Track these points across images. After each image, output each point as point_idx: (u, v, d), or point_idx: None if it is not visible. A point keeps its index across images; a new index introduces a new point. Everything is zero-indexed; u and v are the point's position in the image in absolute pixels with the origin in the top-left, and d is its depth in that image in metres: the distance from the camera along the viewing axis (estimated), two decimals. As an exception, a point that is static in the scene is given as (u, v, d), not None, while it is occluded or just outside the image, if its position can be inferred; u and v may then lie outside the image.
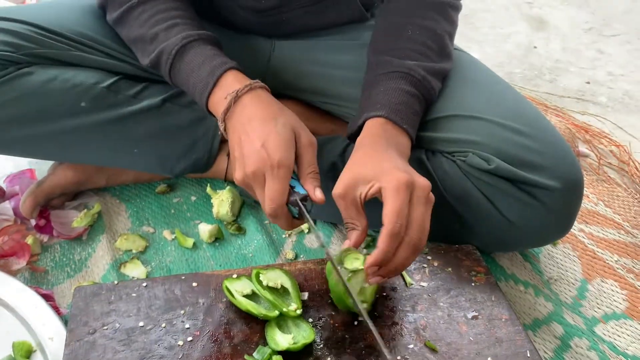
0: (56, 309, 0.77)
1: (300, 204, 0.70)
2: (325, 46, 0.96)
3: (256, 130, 0.71)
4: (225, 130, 0.75)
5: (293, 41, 0.96)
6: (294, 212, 0.72)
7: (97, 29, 0.87)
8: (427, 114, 0.83)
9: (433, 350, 0.68)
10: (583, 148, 1.22)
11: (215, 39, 0.81)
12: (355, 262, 0.69)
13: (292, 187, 0.71)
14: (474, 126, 0.81)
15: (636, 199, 1.09)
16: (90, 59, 0.86)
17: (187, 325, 0.70)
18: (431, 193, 0.68)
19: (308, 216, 0.70)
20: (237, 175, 0.72)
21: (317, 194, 0.71)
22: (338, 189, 0.69)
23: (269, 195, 0.69)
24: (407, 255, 0.66)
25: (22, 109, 0.82)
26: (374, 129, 0.75)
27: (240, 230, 0.94)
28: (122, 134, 0.87)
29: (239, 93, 0.73)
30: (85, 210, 0.94)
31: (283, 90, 0.99)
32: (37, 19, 0.84)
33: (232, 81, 0.75)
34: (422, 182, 0.67)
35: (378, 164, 0.69)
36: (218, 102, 0.75)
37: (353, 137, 0.78)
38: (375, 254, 0.64)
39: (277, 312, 0.69)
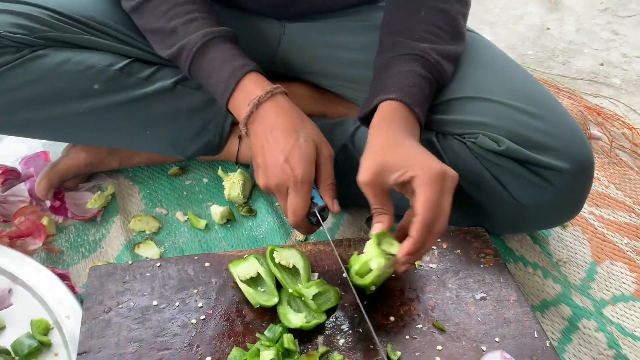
0: (72, 288, 0.79)
1: (319, 215, 0.76)
2: (336, 28, 0.96)
3: (279, 142, 0.75)
4: (246, 133, 0.79)
5: (303, 23, 0.96)
6: (313, 220, 0.77)
7: (109, 14, 0.88)
8: (439, 96, 0.83)
9: (441, 330, 0.69)
10: (595, 130, 1.21)
11: (234, 35, 0.82)
12: (392, 247, 0.69)
13: (311, 198, 0.76)
14: (484, 108, 0.81)
15: (648, 181, 1.09)
16: (103, 42, 0.86)
17: (200, 304, 0.71)
18: (457, 181, 0.69)
19: (324, 227, 0.76)
20: (261, 183, 0.77)
21: (335, 207, 0.76)
22: (365, 176, 0.69)
23: (292, 209, 0.74)
24: (432, 242, 0.68)
25: (36, 91, 0.83)
26: (388, 112, 0.76)
27: (252, 212, 0.95)
28: (135, 116, 0.88)
29: (260, 100, 0.76)
30: (99, 192, 0.96)
31: (293, 73, 0.99)
32: (51, 2, 0.84)
33: (253, 85, 0.78)
34: (452, 172, 0.68)
35: (405, 150, 0.70)
36: (239, 105, 0.78)
37: (365, 119, 0.79)
38: (410, 243, 0.66)
39: (275, 301, 0.70)
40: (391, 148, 0.70)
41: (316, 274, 0.76)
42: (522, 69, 0.89)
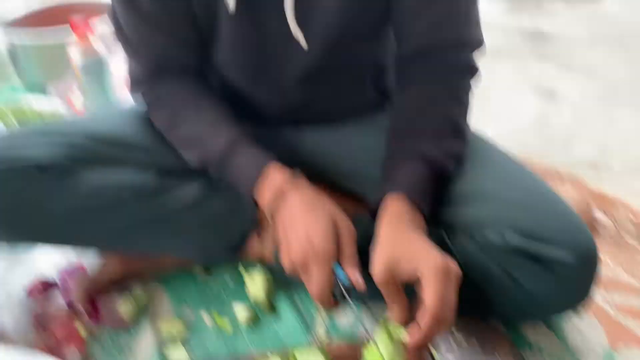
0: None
1: (344, 292, 0.78)
2: (347, 130, 1.04)
3: (299, 220, 0.80)
4: (271, 219, 0.85)
5: (316, 131, 1.05)
6: (337, 297, 0.79)
7: (140, 132, 0.98)
8: (444, 194, 0.89)
9: None
10: (599, 215, 1.26)
11: (252, 137, 0.92)
12: (400, 333, 0.73)
13: (334, 273, 0.78)
14: (488, 205, 0.86)
15: (656, 264, 1.12)
16: (136, 158, 0.95)
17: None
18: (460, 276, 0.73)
19: (351, 302, 0.78)
20: (285, 263, 0.81)
21: (360, 282, 0.78)
22: (378, 274, 0.74)
23: (316, 285, 0.77)
24: (439, 333, 0.71)
25: (71, 208, 0.90)
26: (395, 206, 0.81)
27: (274, 310, 0.99)
28: (167, 225, 0.95)
29: (282, 187, 0.84)
30: (130, 296, 1.01)
31: (308, 173, 1.07)
32: (86, 128, 0.94)
33: (276, 174, 0.86)
34: (455, 267, 0.73)
35: (413, 246, 0.75)
36: (263, 194, 0.86)
37: (374, 213, 0.85)
38: (420, 335, 0.70)
39: None
40: (400, 242, 0.76)
41: (339, 372, 0.79)
42: (522, 165, 0.95)
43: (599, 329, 0.97)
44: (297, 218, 0.81)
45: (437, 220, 0.85)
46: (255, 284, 1.00)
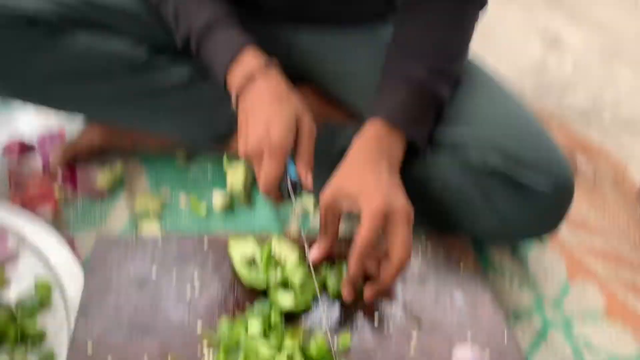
0: (76, 254, 0.84)
1: (290, 188, 0.77)
2: (345, 40, 1.02)
3: (262, 111, 0.78)
4: (236, 107, 0.82)
5: (314, 35, 1.02)
6: (284, 193, 0.79)
7: (135, 3, 0.94)
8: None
9: (417, 323, 0.74)
10: (581, 162, 1.28)
11: (239, 19, 0.87)
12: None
13: (286, 169, 0.78)
14: (474, 126, 0.86)
15: (627, 212, 1.15)
16: (129, 27, 0.92)
17: (196, 279, 0.76)
18: (411, 214, 0.73)
19: (294, 200, 0.78)
20: (240, 149, 0.80)
21: (308, 179, 0.78)
22: (324, 199, 0.75)
23: (265, 174, 0.77)
24: (393, 273, 0.72)
25: (62, 69, 0.88)
26: (369, 133, 0.80)
27: (250, 202, 1.00)
28: (153, 103, 0.94)
29: (253, 72, 0.81)
30: (109, 169, 1.01)
31: (301, 77, 1.05)
32: None
33: (250, 59, 0.82)
34: (400, 206, 0.73)
35: (361, 179, 0.75)
36: (234, 77, 0.83)
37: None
38: (348, 275, 0.73)
39: (264, 287, 0.74)
40: (352, 174, 0.76)
41: (308, 263, 0.81)
42: (515, 96, 0.95)
43: (560, 262, 1.00)
44: (260, 107, 0.79)
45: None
46: (236, 175, 1.01)
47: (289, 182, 0.78)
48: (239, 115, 0.82)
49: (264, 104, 0.79)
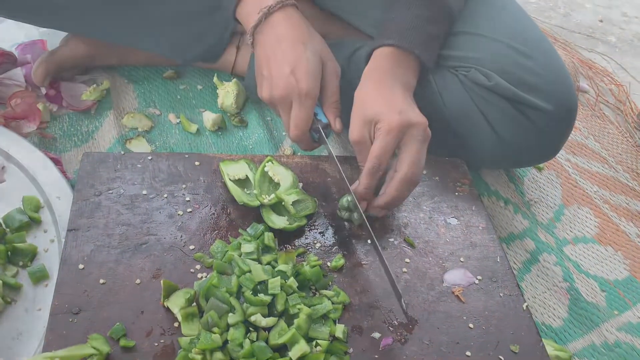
0: (63, 173, 0.81)
1: (322, 132, 0.75)
2: None
3: (286, 54, 0.74)
4: (252, 43, 0.77)
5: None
6: (314, 137, 0.77)
7: None
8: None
9: (411, 245, 0.74)
10: (584, 84, 1.24)
11: None
12: None
13: (315, 114, 0.75)
14: (480, 44, 0.83)
15: (626, 137, 1.13)
16: None
17: (187, 198, 0.74)
18: (428, 129, 0.71)
19: (328, 143, 0.76)
20: (265, 95, 0.76)
21: (337, 125, 0.76)
22: (354, 135, 0.73)
23: (295, 122, 0.74)
24: (402, 189, 0.70)
25: None
26: (380, 59, 0.77)
27: (243, 123, 0.97)
28: (138, 13, 0.88)
29: (271, 9, 0.75)
30: (95, 85, 0.97)
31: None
32: None
33: None
34: (417, 120, 0.70)
35: (378, 103, 0.72)
36: (248, 13, 0.77)
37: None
38: (359, 188, 0.71)
39: (257, 203, 0.73)
40: (369, 101, 0.73)
41: (300, 184, 0.79)
42: (523, 11, 0.90)
43: (556, 186, 0.99)
44: (284, 52, 0.74)
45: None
46: (228, 94, 0.97)
47: (320, 129, 0.75)
48: (258, 55, 0.77)
49: (286, 45, 0.74)
